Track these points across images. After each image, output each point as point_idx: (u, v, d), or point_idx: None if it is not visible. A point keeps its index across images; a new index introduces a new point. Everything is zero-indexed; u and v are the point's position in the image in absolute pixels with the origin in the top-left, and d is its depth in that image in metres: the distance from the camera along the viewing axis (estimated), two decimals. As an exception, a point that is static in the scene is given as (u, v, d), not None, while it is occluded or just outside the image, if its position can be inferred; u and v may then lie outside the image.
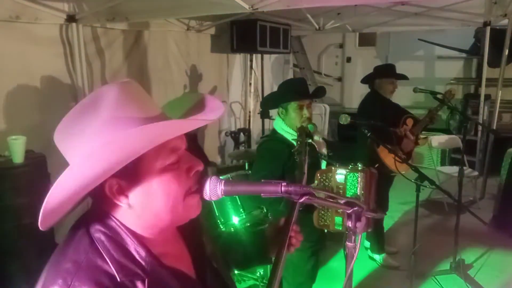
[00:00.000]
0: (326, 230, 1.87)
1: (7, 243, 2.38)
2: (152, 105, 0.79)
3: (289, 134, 2.23)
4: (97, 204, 0.79)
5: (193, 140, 4.15)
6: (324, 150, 2.29)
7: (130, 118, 0.73)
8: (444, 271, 3.29)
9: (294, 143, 2.04)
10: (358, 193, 1.68)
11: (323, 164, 2.23)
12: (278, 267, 0.77)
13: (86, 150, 0.70)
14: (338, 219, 1.77)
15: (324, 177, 1.82)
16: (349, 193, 1.70)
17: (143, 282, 0.74)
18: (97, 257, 0.73)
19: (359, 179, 1.67)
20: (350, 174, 1.70)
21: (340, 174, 1.74)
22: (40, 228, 0.72)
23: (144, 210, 0.78)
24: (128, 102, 0.74)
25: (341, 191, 1.72)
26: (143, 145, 0.71)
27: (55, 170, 2.39)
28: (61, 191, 0.69)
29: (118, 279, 0.71)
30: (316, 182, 1.85)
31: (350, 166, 1.72)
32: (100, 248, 0.74)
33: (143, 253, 0.77)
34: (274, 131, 2.33)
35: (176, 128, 0.77)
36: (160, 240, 0.83)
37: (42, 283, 0.72)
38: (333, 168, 1.77)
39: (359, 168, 1.69)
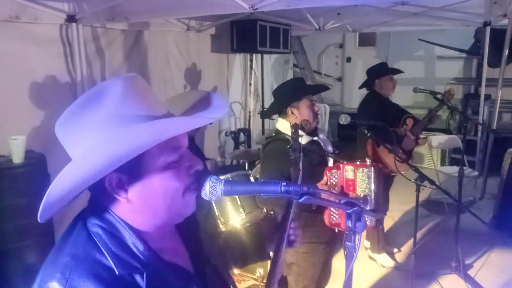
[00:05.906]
0: (337, 230, 1.84)
1: (7, 243, 2.38)
2: (157, 101, 0.80)
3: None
4: (96, 198, 0.80)
5: (191, 140, 4.15)
6: (330, 148, 2.28)
7: (134, 115, 0.73)
8: (444, 271, 3.29)
9: (301, 141, 2.02)
10: (370, 188, 1.68)
11: (330, 162, 2.21)
12: (276, 265, 0.77)
13: (89, 144, 0.70)
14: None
15: (332, 174, 1.81)
16: (360, 189, 1.70)
17: (141, 275, 0.74)
18: (95, 251, 0.73)
19: (369, 174, 1.68)
20: (360, 169, 1.70)
21: (349, 170, 1.74)
22: (38, 220, 0.72)
23: (142, 206, 0.78)
24: (133, 97, 0.74)
25: (351, 188, 1.71)
26: (149, 141, 0.71)
27: (55, 170, 2.39)
28: (64, 183, 0.69)
29: (117, 273, 0.71)
30: (325, 178, 1.84)
31: (358, 162, 1.72)
32: (97, 242, 0.74)
33: (141, 247, 0.77)
34: (277, 131, 2.28)
35: (183, 125, 0.77)
36: (158, 235, 0.83)
37: (41, 278, 0.72)
38: (341, 164, 1.77)
39: (368, 163, 1.70)
